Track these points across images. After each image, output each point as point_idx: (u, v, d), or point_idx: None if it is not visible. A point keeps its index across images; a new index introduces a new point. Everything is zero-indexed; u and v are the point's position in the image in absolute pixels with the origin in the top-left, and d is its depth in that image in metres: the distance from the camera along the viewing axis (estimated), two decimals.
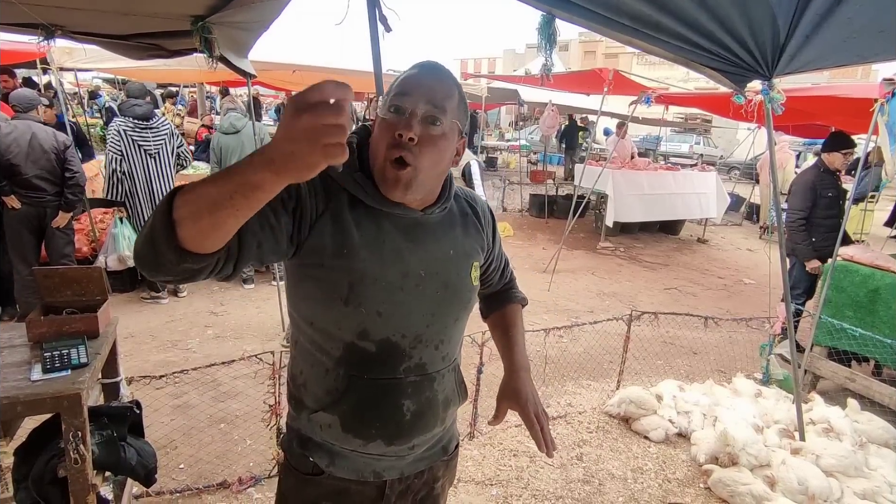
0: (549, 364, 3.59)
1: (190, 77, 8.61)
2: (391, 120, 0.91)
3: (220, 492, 2.35)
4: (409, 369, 1.01)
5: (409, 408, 1.02)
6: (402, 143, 0.90)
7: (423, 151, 0.91)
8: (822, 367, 3.50)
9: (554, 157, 14.80)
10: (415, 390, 1.02)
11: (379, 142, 0.93)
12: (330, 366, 1.00)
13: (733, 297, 5.87)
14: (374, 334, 0.97)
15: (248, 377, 3.33)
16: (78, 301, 1.79)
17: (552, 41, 1.93)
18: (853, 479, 2.51)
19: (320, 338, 1.00)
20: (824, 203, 4.00)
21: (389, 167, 0.92)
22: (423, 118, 0.91)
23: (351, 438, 1.01)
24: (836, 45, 1.79)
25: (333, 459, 1.04)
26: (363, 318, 0.95)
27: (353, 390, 0.99)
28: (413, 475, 1.11)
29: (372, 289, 0.94)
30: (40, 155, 3.61)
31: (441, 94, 0.93)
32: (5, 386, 1.41)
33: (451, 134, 0.95)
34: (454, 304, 1.04)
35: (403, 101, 0.91)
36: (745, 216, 10.25)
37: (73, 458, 1.44)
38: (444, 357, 1.06)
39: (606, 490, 2.56)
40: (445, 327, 1.04)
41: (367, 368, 0.99)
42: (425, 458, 1.12)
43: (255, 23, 3.00)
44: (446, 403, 1.08)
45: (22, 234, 3.68)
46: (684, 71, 11.80)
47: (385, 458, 1.05)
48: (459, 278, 1.04)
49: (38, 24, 2.93)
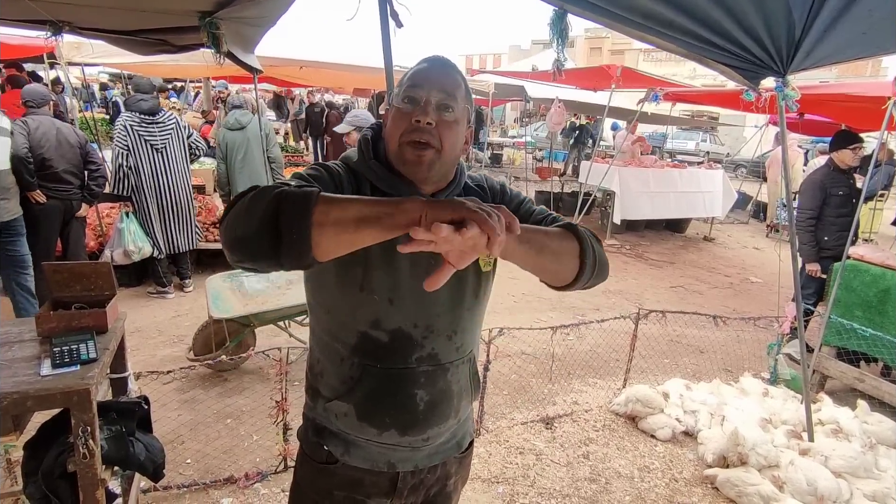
0: (555, 362, 3.58)
1: (196, 72, 8.61)
2: (406, 109, 0.95)
3: (227, 487, 2.35)
4: (421, 359, 1.02)
5: (423, 398, 1.03)
6: (421, 128, 0.94)
7: (443, 134, 0.95)
8: (831, 368, 3.48)
9: (559, 153, 14.73)
10: (428, 380, 1.03)
11: (394, 130, 0.97)
12: (345, 354, 1.02)
13: (740, 296, 5.83)
14: (386, 323, 0.99)
15: (255, 372, 3.34)
16: (86, 296, 1.79)
17: (564, 36, 1.91)
18: (862, 480, 2.49)
19: (336, 326, 1.03)
20: (835, 202, 3.97)
21: (408, 150, 0.95)
22: (437, 106, 0.95)
23: (366, 427, 1.03)
24: (854, 38, 1.74)
25: (348, 448, 1.06)
26: (376, 306, 0.98)
27: (366, 379, 1.01)
28: (426, 469, 1.12)
29: (383, 275, 0.97)
30: (68, 149, 3.74)
31: (451, 84, 0.97)
32: (15, 381, 1.41)
33: (463, 120, 0.99)
34: (465, 292, 1.04)
35: (417, 91, 0.95)
36: (751, 214, 10.19)
37: (82, 453, 1.44)
38: (458, 348, 1.06)
39: (613, 489, 2.56)
40: (458, 317, 1.05)
41: (379, 358, 1.01)
42: (440, 453, 1.13)
43: (263, 18, 2.99)
44: (460, 395, 1.09)
45: (51, 227, 3.76)
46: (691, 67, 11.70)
47: (399, 448, 1.06)
48: (469, 266, 1.03)
49: (46, 21, 2.93)
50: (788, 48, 1.85)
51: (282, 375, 2.38)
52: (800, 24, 1.74)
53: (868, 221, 6.70)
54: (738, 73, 2.01)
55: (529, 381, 3.52)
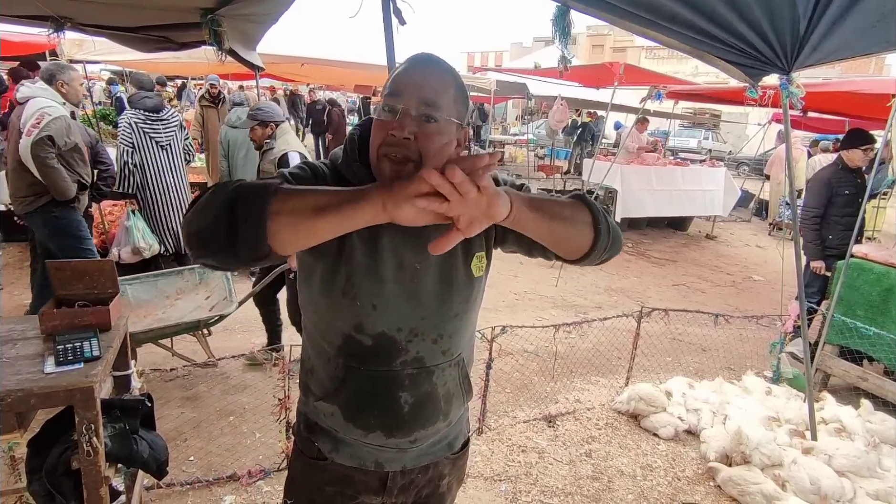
0: (557, 360, 3.58)
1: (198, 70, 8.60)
2: (385, 119, 0.91)
3: (230, 484, 2.36)
4: (405, 362, 1.01)
5: (407, 400, 1.01)
6: (398, 142, 0.89)
7: (424, 146, 0.89)
8: (834, 366, 3.47)
9: (561, 151, 14.70)
10: (412, 383, 1.01)
11: (374, 139, 0.93)
12: (331, 354, 1.02)
13: (742, 294, 5.82)
14: (370, 328, 0.98)
15: (257, 370, 3.34)
16: (90, 294, 1.79)
17: (566, 33, 1.90)
18: (866, 479, 2.49)
19: (324, 326, 1.03)
20: (841, 201, 3.95)
21: (386, 164, 0.91)
22: (418, 116, 0.89)
23: (352, 428, 1.03)
24: (862, 32, 1.71)
25: (337, 446, 1.07)
26: (358, 311, 0.97)
27: (351, 380, 1.01)
28: (417, 470, 1.11)
29: (367, 281, 0.96)
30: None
31: (435, 89, 0.91)
32: (19, 378, 1.41)
33: (448, 127, 0.93)
34: (452, 298, 1.02)
35: (395, 100, 0.90)
36: (753, 212, 10.17)
37: (85, 451, 1.45)
38: (444, 351, 1.04)
39: (616, 487, 2.55)
40: (443, 321, 1.02)
41: (363, 360, 1.00)
42: (429, 454, 1.12)
43: (265, 15, 2.98)
44: (448, 398, 1.07)
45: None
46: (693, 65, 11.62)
47: (386, 449, 1.06)
48: (457, 271, 1.02)
49: (48, 17, 2.93)
50: (793, 44, 1.83)
51: (284, 373, 2.38)
52: (805, 19, 1.72)
53: (872, 220, 6.67)
54: (740, 69, 1.99)
55: (532, 379, 3.52)
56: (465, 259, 1.03)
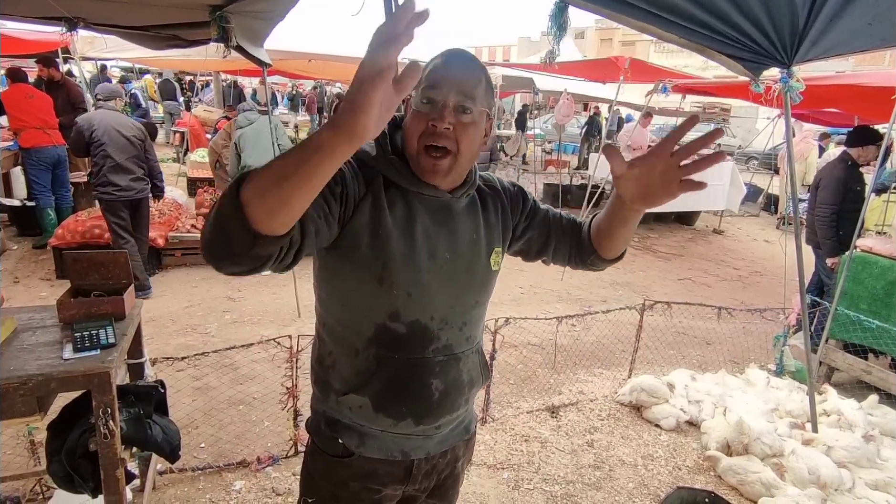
0: (560, 352, 3.62)
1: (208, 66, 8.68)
2: (424, 111, 0.96)
3: (240, 470, 2.43)
4: (437, 350, 1.05)
5: (438, 387, 1.05)
6: (438, 132, 0.94)
7: (459, 138, 0.96)
8: (838, 359, 3.48)
9: (568, 146, 14.64)
10: (442, 370, 1.05)
11: (412, 131, 0.97)
12: (360, 346, 1.03)
13: (748, 289, 5.82)
14: (405, 316, 1.01)
15: (266, 361, 3.41)
16: (104, 284, 1.86)
17: (563, 29, 1.92)
18: (865, 469, 2.51)
19: (351, 319, 1.03)
20: (852, 197, 3.94)
21: (425, 156, 0.97)
22: (455, 108, 0.95)
23: (382, 418, 1.04)
24: (859, 29, 1.73)
25: (363, 440, 1.07)
26: (394, 299, 0.99)
27: (383, 369, 1.02)
28: (438, 455, 1.15)
29: (403, 269, 0.98)
30: (123, 142, 4.03)
31: (470, 83, 0.96)
32: (39, 364, 1.48)
33: (481, 120, 0.99)
34: (474, 287, 1.08)
35: (434, 93, 0.95)
36: (762, 207, 10.10)
37: (103, 433, 1.51)
38: (468, 338, 1.10)
39: (617, 476, 2.60)
40: (467, 310, 1.08)
41: (397, 349, 1.02)
42: (450, 439, 1.16)
43: (272, 12, 3.03)
44: (471, 384, 1.12)
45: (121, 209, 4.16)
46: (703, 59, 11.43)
47: (413, 437, 1.09)
48: (480, 263, 1.08)
49: (62, 17, 3.00)
50: (793, 38, 1.85)
51: (292, 363, 2.44)
52: (803, 13, 1.74)
53: (882, 213, 6.60)
54: (740, 63, 2.01)
55: (535, 370, 3.56)
56: (487, 252, 1.09)
